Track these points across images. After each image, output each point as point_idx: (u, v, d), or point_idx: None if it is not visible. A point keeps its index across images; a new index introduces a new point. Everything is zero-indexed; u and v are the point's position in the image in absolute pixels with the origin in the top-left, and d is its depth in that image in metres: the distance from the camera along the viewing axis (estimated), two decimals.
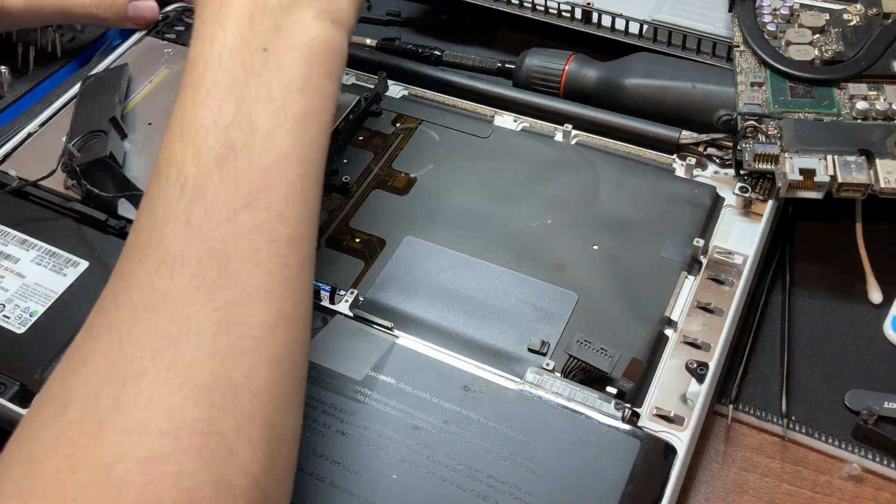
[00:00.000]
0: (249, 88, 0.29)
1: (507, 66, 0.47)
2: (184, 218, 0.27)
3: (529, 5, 0.48)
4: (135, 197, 0.40)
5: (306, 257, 0.29)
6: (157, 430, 0.23)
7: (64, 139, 0.42)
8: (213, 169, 0.27)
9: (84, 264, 0.38)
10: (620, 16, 0.46)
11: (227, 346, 0.25)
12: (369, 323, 0.35)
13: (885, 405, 0.34)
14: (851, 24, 0.41)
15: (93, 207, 0.40)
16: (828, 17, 0.42)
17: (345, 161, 0.42)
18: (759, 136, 0.38)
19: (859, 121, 0.38)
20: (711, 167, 0.41)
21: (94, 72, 0.47)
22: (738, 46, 0.42)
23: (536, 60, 0.46)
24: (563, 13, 0.47)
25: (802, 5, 0.42)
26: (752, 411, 0.35)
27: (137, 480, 0.23)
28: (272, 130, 0.29)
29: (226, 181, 0.27)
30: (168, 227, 0.27)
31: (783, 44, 0.41)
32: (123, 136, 0.44)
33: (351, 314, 0.35)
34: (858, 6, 0.42)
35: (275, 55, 0.30)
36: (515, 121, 0.44)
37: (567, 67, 0.45)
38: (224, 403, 0.25)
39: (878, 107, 0.37)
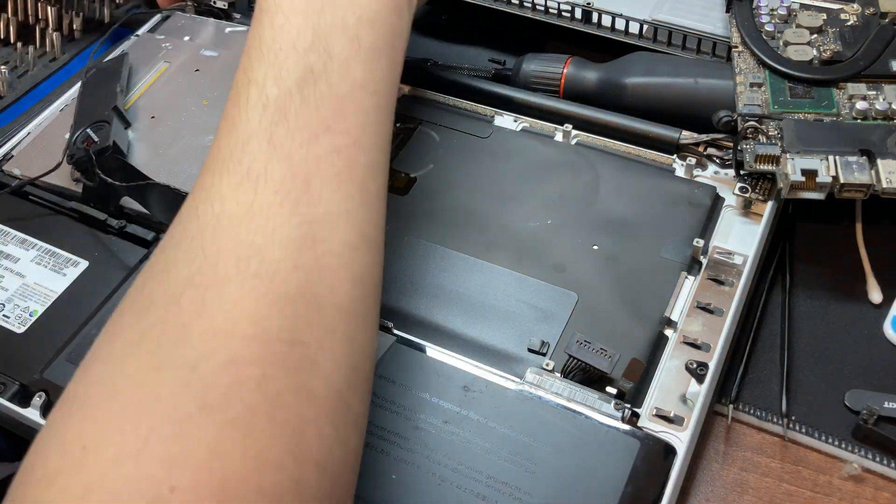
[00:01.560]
0: (325, 16, 0.30)
1: (503, 73, 0.47)
2: (266, 136, 0.27)
3: (529, 5, 0.48)
4: (143, 187, 0.39)
5: (381, 185, 0.30)
6: (242, 335, 0.23)
7: (67, 134, 0.42)
8: (294, 91, 0.28)
9: (84, 264, 0.38)
10: (620, 16, 0.46)
11: (312, 260, 0.25)
12: None
13: (885, 405, 0.34)
14: (849, 23, 0.41)
15: (93, 206, 0.40)
16: (825, 17, 0.42)
17: None
18: (760, 136, 0.38)
19: (859, 121, 0.38)
20: (711, 167, 0.41)
21: (94, 62, 0.47)
22: (736, 47, 0.42)
23: (534, 65, 0.46)
24: (563, 13, 0.47)
25: (800, 5, 0.42)
26: (752, 411, 0.35)
27: (222, 381, 0.23)
28: (348, 59, 0.29)
29: (306, 104, 0.28)
30: (250, 144, 0.27)
31: (781, 44, 0.41)
32: (127, 125, 0.43)
33: None
34: (855, 6, 0.42)
35: None
36: (515, 121, 0.44)
37: (565, 71, 0.45)
38: (308, 315, 0.25)
39: (877, 106, 0.37)
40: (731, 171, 0.40)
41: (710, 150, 0.41)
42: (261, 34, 0.30)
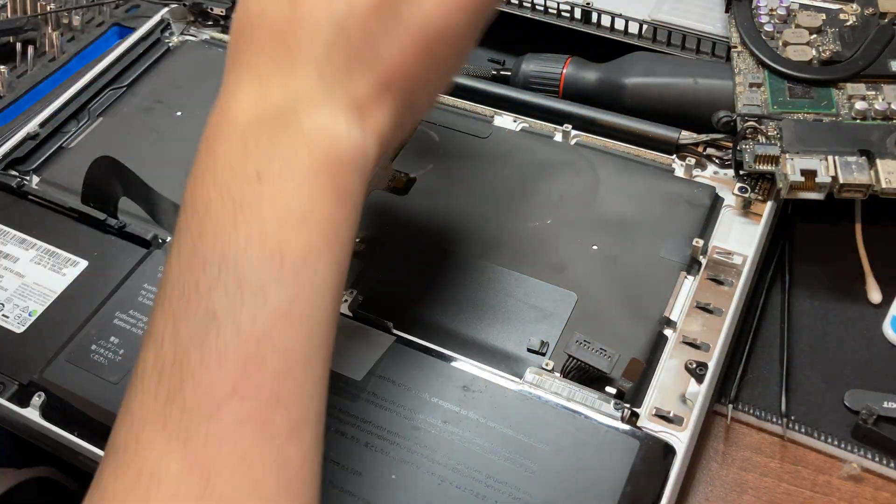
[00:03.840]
0: (238, 233, 0.23)
1: (502, 73, 0.47)
2: (161, 420, 0.22)
3: (529, 5, 0.48)
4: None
5: (311, 446, 0.24)
6: None
7: None
8: (192, 348, 0.22)
9: (83, 264, 0.38)
10: (620, 16, 0.46)
11: None
12: (369, 323, 0.35)
13: (885, 405, 0.34)
14: (848, 24, 0.41)
15: (92, 206, 0.40)
16: (824, 18, 0.42)
17: None
18: (759, 137, 0.38)
19: (858, 121, 0.38)
20: (711, 167, 0.41)
21: None
22: (735, 47, 0.42)
23: (533, 65, 0.46)
24: (563, 13, 0.47)
25: (800, 5, 0.42)
26: (751, 411, 0.35)
27: None
28: (264, 285, 0.23)
29: (206, 363, 0.22)
30: (145, 430, 0.22)
31: (780, 44, 0.41)
32: None
33: (351, 314, 0.35)
34: (854, 6, 0.42)
35: (270, 182, 0.24)
36: (515, 121, 0.44)
37: (565, 71, 0.45)
38: None
39: (876, 107, 0.37)
40: (731, 172, 0.40)
41: (710, 151, 0.41)
42: (168, 271, 0.24)
